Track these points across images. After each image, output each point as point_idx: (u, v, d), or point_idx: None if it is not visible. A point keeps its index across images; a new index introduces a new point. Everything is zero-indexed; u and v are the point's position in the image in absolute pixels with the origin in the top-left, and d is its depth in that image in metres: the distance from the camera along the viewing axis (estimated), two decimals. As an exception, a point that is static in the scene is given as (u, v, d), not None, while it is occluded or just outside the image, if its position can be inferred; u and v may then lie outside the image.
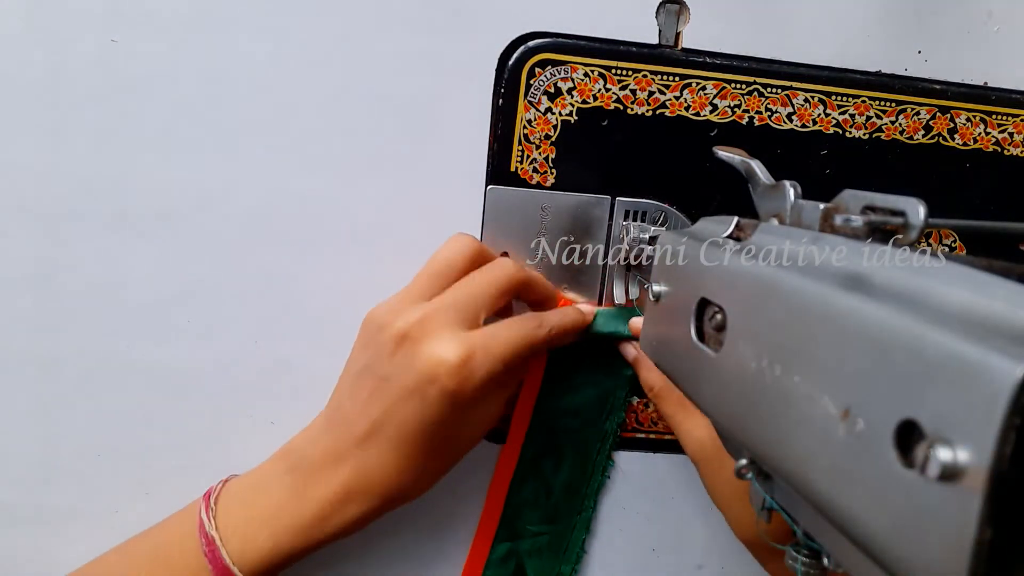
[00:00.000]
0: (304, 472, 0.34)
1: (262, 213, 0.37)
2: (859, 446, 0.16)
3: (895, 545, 0.15)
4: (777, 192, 0.26)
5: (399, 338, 0.33)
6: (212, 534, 0.33)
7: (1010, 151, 0.40)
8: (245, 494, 0.34)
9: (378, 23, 0.36)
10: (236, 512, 0.34)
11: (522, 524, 0.41)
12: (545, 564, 0.41)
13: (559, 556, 0.42)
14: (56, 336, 0.37)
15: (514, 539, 0.41)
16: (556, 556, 0.42)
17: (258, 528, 0.33)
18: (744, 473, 0.23)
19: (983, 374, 0.13)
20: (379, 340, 0.33)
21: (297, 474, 0.34)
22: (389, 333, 0.33)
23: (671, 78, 0.37)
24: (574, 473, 0.41)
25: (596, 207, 0.39)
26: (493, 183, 0.38)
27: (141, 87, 0.35)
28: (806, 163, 0.39)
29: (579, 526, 0.42)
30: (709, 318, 0.25)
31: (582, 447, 0.41)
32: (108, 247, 0.36)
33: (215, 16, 0.35)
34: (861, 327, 0.16)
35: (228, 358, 0.38)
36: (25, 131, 0.35)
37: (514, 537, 0.41)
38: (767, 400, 0.20)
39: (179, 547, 0.33)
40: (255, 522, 0.33)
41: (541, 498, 0.41)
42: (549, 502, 0.41)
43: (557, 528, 0.41)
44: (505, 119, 0.37)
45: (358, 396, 0.33)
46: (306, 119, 0.36)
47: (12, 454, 0.38)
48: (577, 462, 0.41)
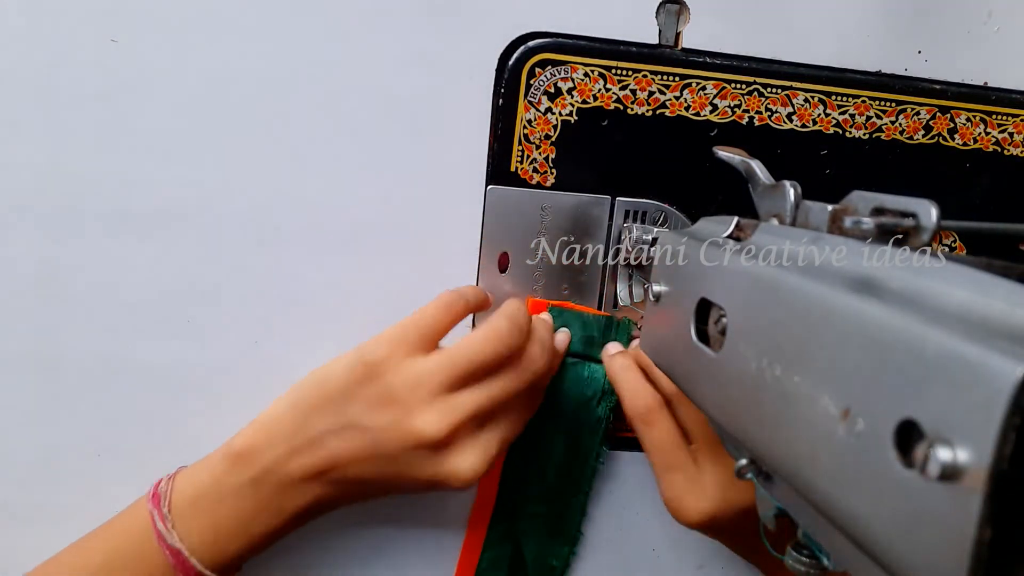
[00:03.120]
0: (274, 486, 0.33)
1: (262, 213, 0.37)
2: (859, 446, 0.16)
3: (895, 545, 0.15)
4: (777, 192, 0.26)
5: (386, 400, 0.32)
6: (177, 545, 0.32)
7: (1010, 151, 0.40)
8: (205, 502, 0.33)
9: (378, 23, 0.36)
10: (200, 521, 0.33)
11: (518, 505, 0.41)
12: (542, 545, 0.41)
13: (557, 537, 0.42)
14: (56, 336, 0.37)
15: (510, 520, 0.41)
16: (554, 537, 0.42)
17: (228, 538, 0.33)
18: (744, 473, 0.23)
19: (983, 374, 0.13)
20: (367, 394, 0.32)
21: (266, 487, 0.33)
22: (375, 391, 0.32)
23: (671, 78, 0.37)
24: (568, 455, 0.41)
25: (596, 207, 0.39)
26: (493, 183, 0.38)
27: (141, 87, 0.35)
28: (806, 163, 0.39)
29: (575, 507, 0.42)
30: (715, 320, 0.25)
31: (574, 430, 0.40)
32: (108, 247, 0.36)
33: (215, 16, 0.35)
34: (861, 327, 0.16)
35: (228, 358, 0.38)
36: (25, 131, 0.35)
37: (510, 518, 0.41)
38: (767, 400, 0.20)
39: (136, 556, 0.33)
40: (224, 532, 0.33)
41: (536, 480, 0.41)
42: (544, 483, 0.41)
43: (553, 509, 0.41)
44: (505, 119, 0.37)
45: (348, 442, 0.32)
46: (306, 119, 0.36)
47: (12, 454, 0.38)
48: (570, 444, 0.41)
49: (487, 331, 0.33)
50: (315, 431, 0.32)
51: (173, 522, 0.33)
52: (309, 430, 0.32)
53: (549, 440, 0.40)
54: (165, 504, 0.33)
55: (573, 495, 0.41)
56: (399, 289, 0.38)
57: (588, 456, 0.41)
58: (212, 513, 0.33)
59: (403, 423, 0.32)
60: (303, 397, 0.33)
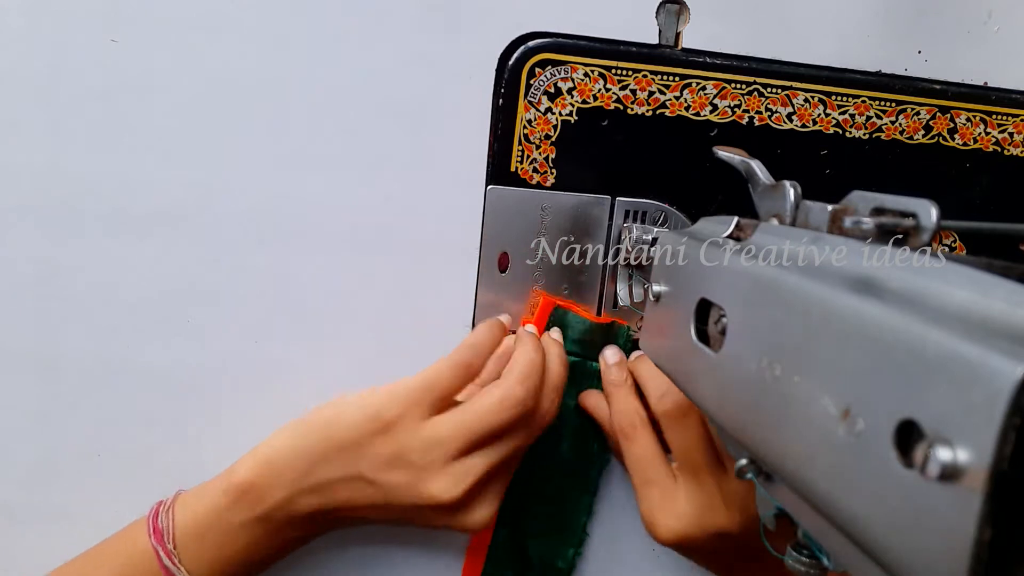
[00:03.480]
0: (281, 522, 0.33)
1: (262, 213, 0.37)
2: (859, 446, 0.16)
3: (895, 545, 0.15)
4: (777, 192, 0.26)
5: (399, 461, 0.33)
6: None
7: (1010, 151, 0.40)
8: (211, 536, 0.33)
9: (378, 23, 0.36)
10: (207, 554, 0.33)
11: (524, 506, 0.41)
12: (548, 546, 0.41)
13: (562, 537, 0.42)
14: (56, 336, 0.37)
15: (516, 521, 0.41)
16: (559, 537, 0.42)
17: (235, 567, 0.34)
18: (744, 473, 0.23)
19: (983, 374, 0.13)
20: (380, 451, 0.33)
21: (273, 523, 0.33)
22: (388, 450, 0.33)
23: (671, 78, 0.37)
24: (574, 454, 0.41)
25: (596, 207, 0.39)
26: (493, 183, 0.38)
27: (141, 87, 0.35)
28: (806, 163, 0.39)
29: (582, 508, 0.42)
30: (715, 320, 0.25)
31: (579, 430, 0.40)
32: (108, 247, 0.36)
33: (215, 16, 0.35)
34: (861, 327, 0.16)
35: (228, 358, 0.38)
36: (25, 131, 0.35)
37: (515, 520, 0.41)
38: (767, 400, 0.20)
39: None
40: (231, 563, 0.34)
41: (542, 481, 0.41)
42: (550, 484, 0.41)
43: (560, 509, 0.41)
44: (505, 119, 0.37)
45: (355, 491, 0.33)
46: (306, 119, 0.36)
47: (12, 454, 0.38)
48: (575, 444, 0.41)
49: (503, 397, 0.33)
50: (323, 478, 0.33)
51: (179, 557, 0.33)
52: (317, 476, 0.33)
53: (555, 441, 0.40)
54: (169, 539, 0.33)
55: (580, 495, 0.41)
56: (399, 289, 0.38)
57: (594, 455, 0.41)
58: (219, 547, 0.33)
59: (416, 486, 0.32)
60: (310, 441, 0.33)
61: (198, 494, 0.34)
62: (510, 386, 0.33)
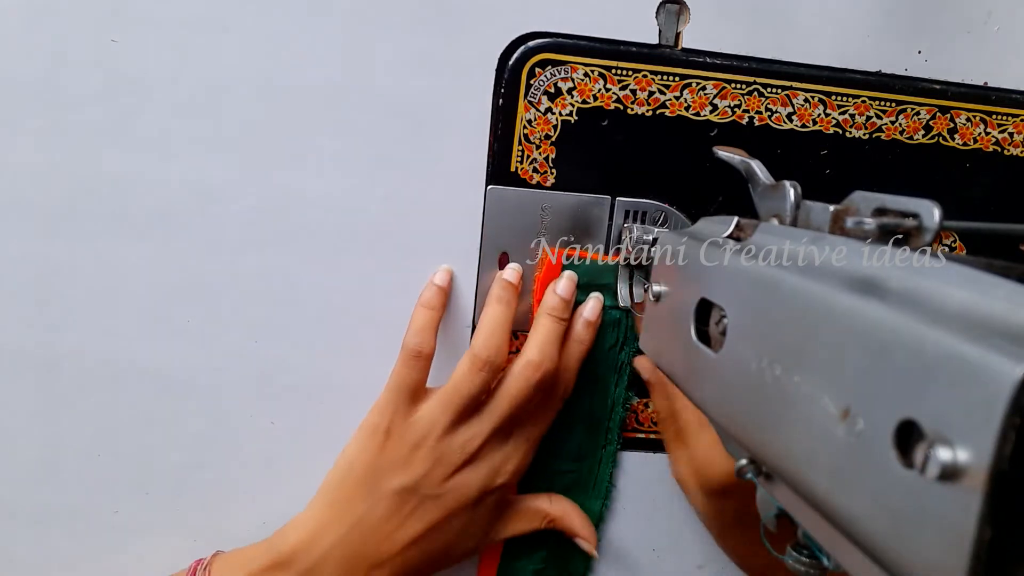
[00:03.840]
0: None
1: (262, 213, 0.37)
2: (859, 446, 0.16)
3: (895, 545, 0.15)
4: (777, 192, 0.26)
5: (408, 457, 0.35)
6: None
7: (1010, 151, 0.40)
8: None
9: (378, 23, 0.36)
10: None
11: (549, 464, 0.41)
12: (576, 501, 0.41)
13: (588, 492, 0.42)
14: (56, 336, 0.37)
15: (542, 480, 0.41)
16: (585, 493, 0.42)
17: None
18: (744, 472, 0.23)
19: (983, 374, 0.13)
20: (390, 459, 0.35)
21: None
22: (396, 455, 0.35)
23: (671, 78, 0.37)
24: (595, 406, 0.41)
25: (596, 207, 0.39)
26: (493, 183, 0.38)
27: (141, 87, 0.35)
28: (806, 163, 0.39)
29: (605, 460, 0.42)
30: (715, 321, 0.25)
31: (598, 380, 0.40)
32: (108, 247, 0.36)
33: (215, 16, 0.35)
34: (861, 327, 0.16)
35: (228, 358, 0.38)
36: (25, 131, 0.35)
37: (542, 477, 0.41)
38: (767, 400, 0.20)
39: None
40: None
41: (566, 437, 0.41)
42: (575, 440, 0.41)
43: (584, 465, 0.41)
44: (505, 119, 0.37)
45: (397, 513, 0.35)
46: (306, 119, 0.36)
47: (13, 454, 0.38)
48: (596, 396, 0.41)
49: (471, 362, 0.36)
50: (355, 517, 0.35)
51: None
52: (350, 518, 0.35)
53: (577, 396, 0.40)
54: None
55: (603, 447, 0.41)
56: (399, 289, 0.38)
57: (616, 404, 0.41)
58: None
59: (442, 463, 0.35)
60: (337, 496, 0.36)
61: (241, 559, 0.36)
62: (476, 352, 0.36)
